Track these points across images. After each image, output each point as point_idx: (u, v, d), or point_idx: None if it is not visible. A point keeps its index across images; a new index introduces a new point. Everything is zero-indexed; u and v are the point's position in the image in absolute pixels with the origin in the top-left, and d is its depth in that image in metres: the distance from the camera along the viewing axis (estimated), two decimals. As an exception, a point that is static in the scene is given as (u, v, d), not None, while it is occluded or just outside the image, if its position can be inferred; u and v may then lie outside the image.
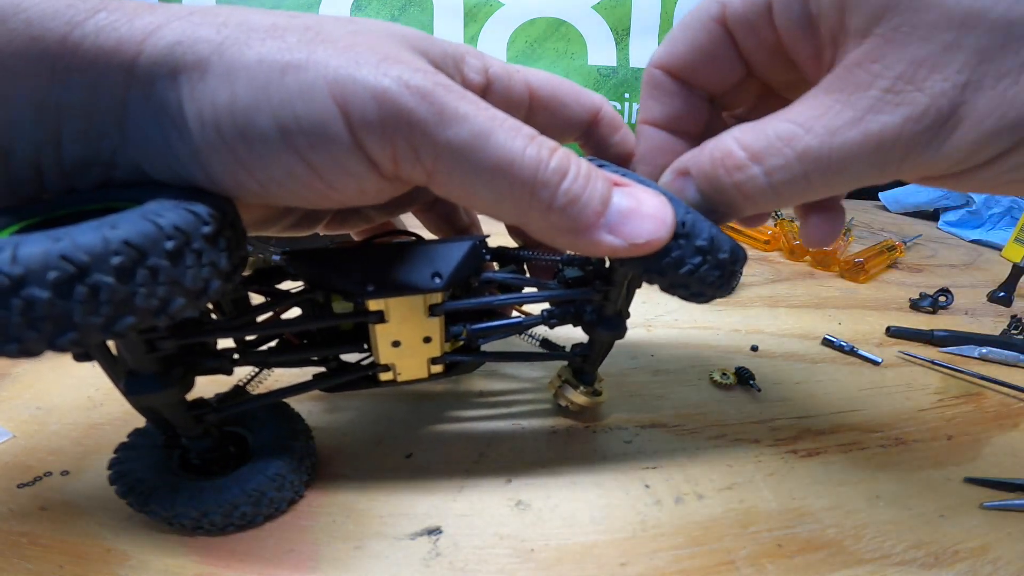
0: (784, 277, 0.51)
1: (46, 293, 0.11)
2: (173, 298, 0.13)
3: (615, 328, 0.24)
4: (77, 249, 0.11)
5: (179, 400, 0.19)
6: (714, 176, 0.17)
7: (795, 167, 0.16)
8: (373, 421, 0.28)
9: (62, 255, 0.11)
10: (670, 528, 0.23)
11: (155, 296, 0.13)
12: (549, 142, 0.16)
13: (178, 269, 0.13)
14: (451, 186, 0.16)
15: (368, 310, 0.21)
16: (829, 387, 0.33)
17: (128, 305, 0.12)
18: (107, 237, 0.12)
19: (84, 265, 0.11)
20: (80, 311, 0.12)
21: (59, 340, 0.12)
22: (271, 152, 0.14)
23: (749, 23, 0.18)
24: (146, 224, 0.13)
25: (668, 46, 0.19)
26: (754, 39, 0.18)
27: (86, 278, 0.12)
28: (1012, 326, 0.42)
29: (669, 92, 0.20)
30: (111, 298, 0.12)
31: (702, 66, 0.19)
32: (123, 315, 0.12)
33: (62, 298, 0.11)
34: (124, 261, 0.12)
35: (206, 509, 0.20)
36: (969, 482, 0.26)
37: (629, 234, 0.16)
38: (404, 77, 0.14)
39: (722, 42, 0.19)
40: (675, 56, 0.19)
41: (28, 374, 0.30)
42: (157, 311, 0.13)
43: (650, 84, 0.20)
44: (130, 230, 0.12)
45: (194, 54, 0.14)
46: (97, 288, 0.12)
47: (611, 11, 0.81)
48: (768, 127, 0.17)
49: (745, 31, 0.18)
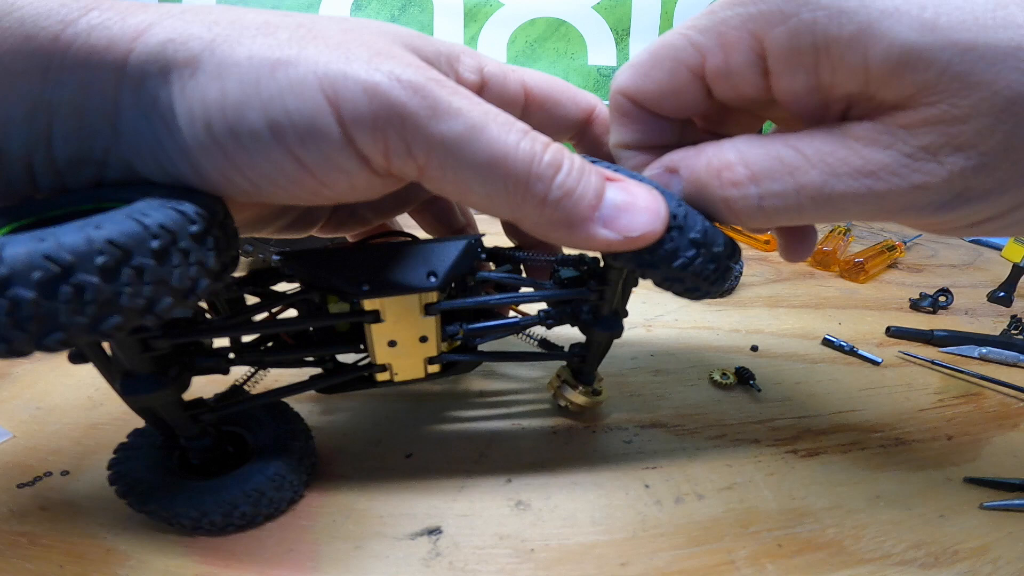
0: (784, 277, 0.51)
1: (31, 293, 0.11)
2: (160, 297, 0.13)
3: (612, 327, 0.24)
4: (61, 249, 0.11)
5: (175, 400, 0.19)
6: (705, 183, 0.17)
7: (790, 196, 0.16)
8: (373, 421, 0.28)
9: (46, 255, 0.11)
10: (670, 528, 0.23)
11: (141, 296, 0.13)
12: (542, 137, 0.16)
13: (164, 268, 0.13)
14: (444, 181, 0.15)
15: (364, 310, 0.21)
16: (829, 387, 0.33)
17: (114, 305, 0.12)
18: (91, 237, 0.12)
19: (68, 265, 0.11)
20: (66, 311, 0.12)
21: (46, 340, 0.12)
22: (262, 149, 0.14)
23: (730, 78, 0.17)
24: (131, 223, 0.12)
25: (634, 77, 0.19)
26: (733, 90, 0.17)
27: (71, 278, 0.12)
28: (1012, 326, 0.42)
29: (636, 118, 0.20)
30: (96, 298, 0.12)
31: (668, 102, 0.19)
32: (109, 315, 0.12)
33: (47, 298, 0.11)
34: (108, 261, 0.12)
35: (206, 509, 0.20)
36: (969, 482, 0.26)
37: (623, 227, 0.16)
38: (396, 72, 0.14)
39: (694, 86, 0.18)
40: (641, 90, 0.19)
41: (28, 374, 0.30)
42: (144, 311, 0.13)
43: (617, 110, 0.20)
44: (114, 229, 0.12)
45: (186, 52, 0.14)
46: (82, 288, 0.12)
47: (611, 11, 0.81)
48: (772, 149, 0.16)
49: (724, 83, 0.17)
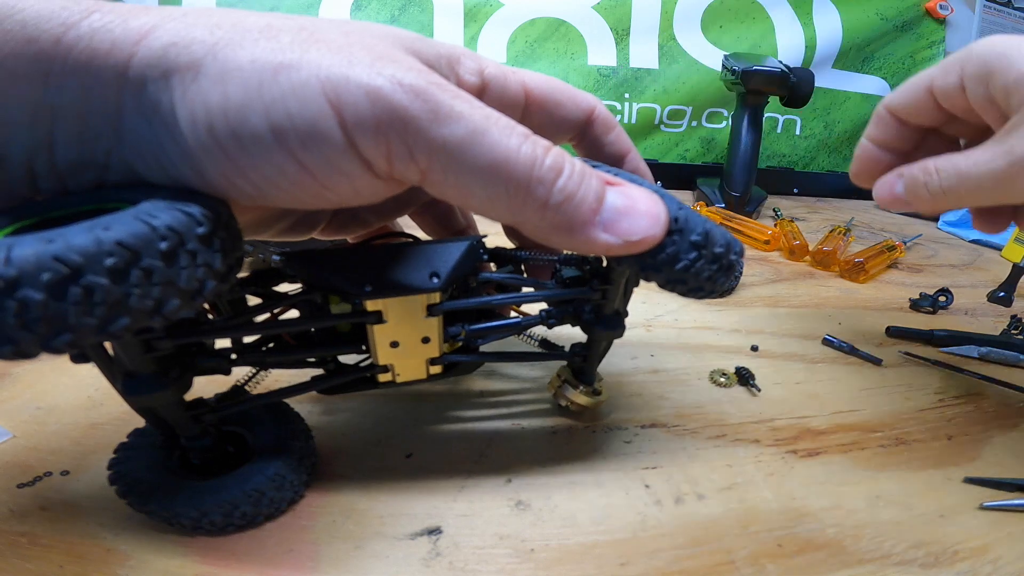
0: (784, 277, 0.51)
1: (40, 295, 0.11)
2: (168, 299, 0.13)
3: (613, 327, 0.24)
4: (70, 250, 0.11)
5: (177, 400, 0.19)
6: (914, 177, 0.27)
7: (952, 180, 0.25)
8: (373, 421, 0.28)
9: (55, 256, 0.11)
10: (670, 528, 0.23)
11: (150, 297, 0.13)
12: (543, 141, 0.16)
13: (172, 270, 0.13)
14: (445, 185, 0.15)
15: (366, 311, 0.21)
16: (829, 387, 0.33)
17: (123, 306, 0.12)
18: (100, 238, 0.12)
19: (78, 266, 0.11)
20: (74, 312, 0.12)
21: (54, 342, 0.12)
22: (264, 152, 0.14)
23: (945, 94, 0.27)
24: (140, 225, 0.12)
25: (895, 95, 0.29)
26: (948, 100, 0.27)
27: (80, 279, 0.11)
28: (1012, 326, 0.42)
29: (887, 124, 0.30)
30: (105, 299, 0.12)
31: (912, 113, 0.29)
32: (118, 316, 0.12)
33: (56, 300, 0.11)
34: (118, 262, 0.12)
35: (206, 509, 0.20)
36: (969, 482, 0.26)
37: (624, 231, 0.16)
38: (398, 76, 0.14)
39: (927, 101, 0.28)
40: (896, 104, 0.29)
41: (28, 374, 0.30)
42: (152, 312, 0.13)
43: (876, 116, 0.30)
44: (123, 231, 0.12)
45: (188, 55, 0.14)
46: (91, 289, 0.12)
47: (611, 11, 0.81)
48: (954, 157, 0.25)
49: (943, 98, 0.27)
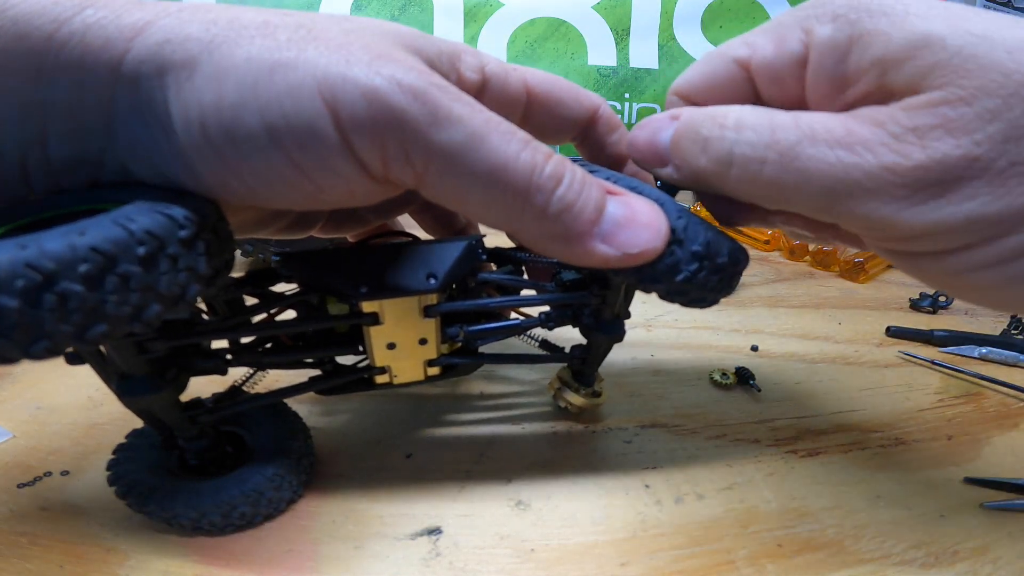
0: (784, 277, 0.51)
1: (14, 302, 0.11)
2: (147, 305, 0.13)
3: (613, 331, 0.24)
4: (43, 256, 0.11)
5: (173, 401, 0.19)
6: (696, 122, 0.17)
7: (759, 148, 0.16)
8: (373, 422, 0.28)
9: (27, 263, 0.11)
10: (670, 528, 0.23)
11: (127, 303, 0.12)
12: (544, 147, 0.15)
13: (151, 275, 0.13)
14: (442, 190, 0.15)
15: (362, 312, 0.21)
16: (829, 387, 0.33)
17: (99, 313, 0.12)
18: (74, 244, 0.11)
19: (51, 273, 0.11)
20: (50, 319, 0.11)
21: (32, 349, 0.11)
22: (257, 152, 0.14)
23: (774, 72, 0.18)
24: (116, 229, 0.12)
25: (686, 75, 0.20)
26: (775, 84, 0.18)
27: (54, 286, 0.11)
28: (1012, 326, 0.42)
29: None
30: (81, 306, 0.12)
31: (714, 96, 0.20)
32: (94, 323, 0.12)
33: (31, 307, 0.11)
34: (92, 268, 0.12)
35: (205, 509, 0.20)
36: (969, 482, 0.26)
37: (623, 243, 0.16)
38: (397, 76, 0.14)
39: (738, 79, 0.19)
40: (690, 84, 0.20)
41: (28, 374, 0.30)
42: (131, 318, 0.13)
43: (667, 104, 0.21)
44: (99, 236, 0.12)
45: (183, 53, 0.14)
46: (66, 296, 0.11)
47: (611, 11, 0.81)
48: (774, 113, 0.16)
49: (767, 77, 0.18)
